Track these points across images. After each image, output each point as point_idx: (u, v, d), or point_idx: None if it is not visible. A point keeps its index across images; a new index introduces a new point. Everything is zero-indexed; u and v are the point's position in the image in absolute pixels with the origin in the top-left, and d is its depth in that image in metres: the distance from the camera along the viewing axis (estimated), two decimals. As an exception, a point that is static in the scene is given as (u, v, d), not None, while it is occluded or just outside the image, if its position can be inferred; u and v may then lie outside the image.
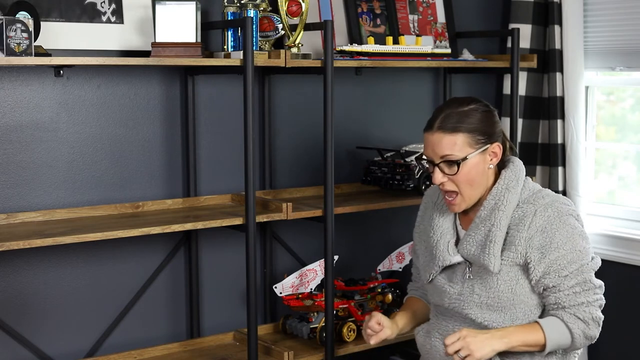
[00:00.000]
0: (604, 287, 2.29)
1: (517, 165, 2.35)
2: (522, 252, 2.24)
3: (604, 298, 2.29)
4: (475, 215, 2.32)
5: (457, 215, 2.40)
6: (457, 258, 2.33)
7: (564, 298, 2.22)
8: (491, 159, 2.30)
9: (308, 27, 2.81)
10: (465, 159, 2.25)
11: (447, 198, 2.32)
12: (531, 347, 2.23)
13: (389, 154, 3.20)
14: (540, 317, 2.29)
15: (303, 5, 2.79)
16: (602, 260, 3.45)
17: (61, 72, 2.48)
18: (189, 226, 2.59)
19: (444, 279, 2.37)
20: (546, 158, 3.54)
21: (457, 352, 2.16)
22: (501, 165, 2.35)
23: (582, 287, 2.23)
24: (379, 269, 3.12)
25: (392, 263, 3.12)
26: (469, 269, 2.32)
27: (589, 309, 2.23)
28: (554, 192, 2.33)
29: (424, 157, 2.34)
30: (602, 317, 2.27)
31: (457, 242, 2.37)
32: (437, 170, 2.28)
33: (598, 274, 2.31)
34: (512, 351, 2.23)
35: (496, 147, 2.30)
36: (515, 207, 2.28)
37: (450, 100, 2.36)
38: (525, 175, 2.36)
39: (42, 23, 2.47)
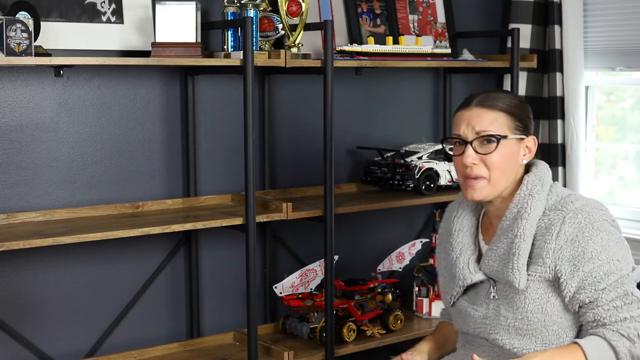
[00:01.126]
0: None
1: (542, 169, 2.12)
2: (551, 266, 1.99)
3: None
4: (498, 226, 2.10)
5: (479, 230, 2.19)
6: (479, 276, 2.10)
7: (604, 314, 1.95)
8: (524, 154, 2.09)
9: (308, 27, 2.81)
10: (505, 137, 2.04)
11: (468, 181, 2.07)
12: None
13: (389, 154, 3.20)
14: (577, 337, 2.03)
15: (303, 5, 2.79)
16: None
17: (61, 72, 2.48)
18: (189, 226, 2.59)
19: (467, 302, 2.14)
20: (546, 158, 3.54)
21: None
22: (524, 170, 2.13)
23: (623, 300, 1.95)
24: (379, 269, 3.12)
25: (392, 263, 3.12)
26: (493, 287, 2.08)
27: (634, 324, 1.94)
28: (585, 197, 2.10)
29: (451, 137, 2.11)
30: None
31: (478, 258, 2.15)
32: (469, 148, 2.05)
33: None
34: None
35: (531, 141, 2.10)
36: (541, 215, 2.05)
37: (483, 90, 2.17)
38: (553, 180, 2.14)
39: (42, 23, 2.47)
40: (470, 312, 2.12)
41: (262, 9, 2.79)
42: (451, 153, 2.12)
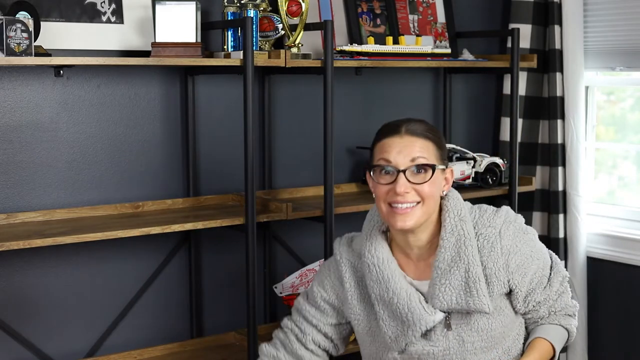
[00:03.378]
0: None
1: (455, 193, 2.09)
2: (505, 281, 2.02)
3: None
4: (434, 259, 2.02)
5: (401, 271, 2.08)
6: (439, 315, 2.02)
7: (555, 305, 2.10)
8: (444, 185, 2.05)
9: (308, 27, 2.81)
10: (437, 166, 2.00)
11: (398, 209, 1.97)
12: None
13: (389, 154, 3.20)
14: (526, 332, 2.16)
15: (303, 5, 2.79)
16: (602, 260, 3.48)
17: (61, 72, 2.48)
18: (189, 226, 2.59)
19: (422, 343, 2.05)
20: (546, 158, 3.54)
21: None
22: None
23: (563, 285, 2.12)
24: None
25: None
26: (446, 320, 2.03)
27: (573, 302, 2.15)
28: (488, 205, 2.11)
29: (377, 165, 2.01)
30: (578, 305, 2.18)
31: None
32: (401, 177, 1.96)
33: (596, 275, 2.21)
34: None
35: (449, 173, 2.06)
36: (474, 236, 2.03)
37: (402, 119, 2.10)
38: None
39: (42, 23, 2.47)
40: (428, 351, 2.05)
41: (262, 9, 2.79)
42: (376, 179, 2.02)
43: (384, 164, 2.00)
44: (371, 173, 2.04)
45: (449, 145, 3.29)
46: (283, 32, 2.82)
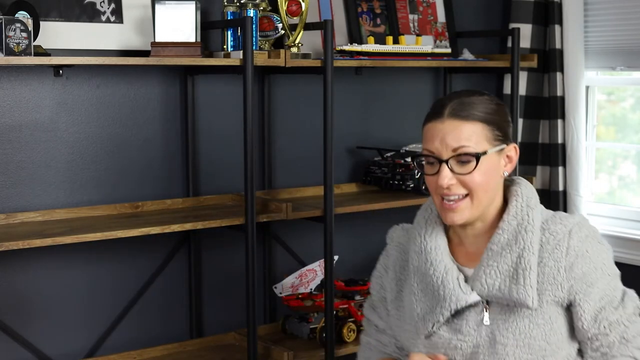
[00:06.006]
0: None
1: (528, 184, 1.91)
2: (566, 286, 1.80)
3: None
4: (489, 242, 1.84)
5: (449, 251, 1.92)
6: (474, 297, 1.82)
7: (629, 331, 1.82)
8: (505, 165, 1.86)
9: (308, 26, 2.81)
10: (484, 153, 1.80)
11: (447, 204, 1.82)
12: None
13: (389, 154, 3.20)
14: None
15: (303, 4, 2.78)
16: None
17: (60, 71, 2.48)
18: (188, 226, 2.58)
19: (450, 332, 1.85)
20: (547, 158, 3.54)
21: None
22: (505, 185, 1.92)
23: (636, 312, 1.85)
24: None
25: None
26: (485, 310, 1.83)
27: None
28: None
29: (423, 153, 1.85)
30: None
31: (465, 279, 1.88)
32: (444, 168, 1.79)
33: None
34: None
35: (512, 150, 1.87)
36: (540, 229, 1.84)
37: (456, 91, 1.91)
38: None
39: (41, 23, 2.46)
40: (455, 345, 1.84)
41: (261, 8, 2.79)
42: (423, 165, 1.87)
43: (426, 154, 1.84)
44: (414, 164, 1.93)
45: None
46: (283, 31, 2.82)
